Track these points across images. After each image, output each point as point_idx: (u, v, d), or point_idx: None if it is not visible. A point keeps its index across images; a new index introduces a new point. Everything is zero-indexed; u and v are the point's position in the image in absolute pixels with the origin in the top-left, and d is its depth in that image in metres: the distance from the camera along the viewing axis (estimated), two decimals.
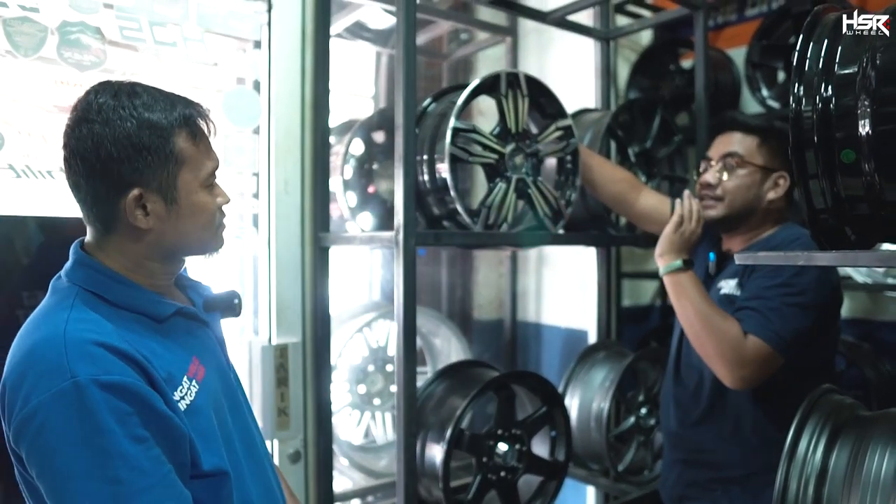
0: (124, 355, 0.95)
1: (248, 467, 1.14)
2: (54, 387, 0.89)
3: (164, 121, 1.02)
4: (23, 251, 1.69)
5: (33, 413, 0.89)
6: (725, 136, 1.77)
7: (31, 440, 0.90)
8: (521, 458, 1.91)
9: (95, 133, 0.99)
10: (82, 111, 1.01)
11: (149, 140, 1.01)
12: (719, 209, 1.74)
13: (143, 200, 1.02)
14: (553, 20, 2.49)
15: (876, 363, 2.40)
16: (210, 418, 1.07)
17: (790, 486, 1.18)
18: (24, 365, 0.93)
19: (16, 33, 1.60)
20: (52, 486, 0.90)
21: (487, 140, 1.78)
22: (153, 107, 1.03)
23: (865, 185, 1.00)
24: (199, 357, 1.11)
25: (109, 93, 1.02)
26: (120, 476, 0.89)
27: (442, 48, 3.28)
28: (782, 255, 1.20)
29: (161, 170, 1.02)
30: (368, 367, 2.75)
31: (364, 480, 2.69)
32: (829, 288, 1.60)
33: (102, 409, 0.89)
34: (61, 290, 1.04)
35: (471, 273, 3.29)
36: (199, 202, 1.08)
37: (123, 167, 1.00)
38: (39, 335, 0.96)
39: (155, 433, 0.94)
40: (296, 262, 2.07)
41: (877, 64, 0.97)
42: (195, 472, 1.01)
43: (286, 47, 2.05)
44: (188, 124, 1.06)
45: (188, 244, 1.10)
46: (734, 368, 1.55)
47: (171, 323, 1.08)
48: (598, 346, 2.56)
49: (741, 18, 3.16)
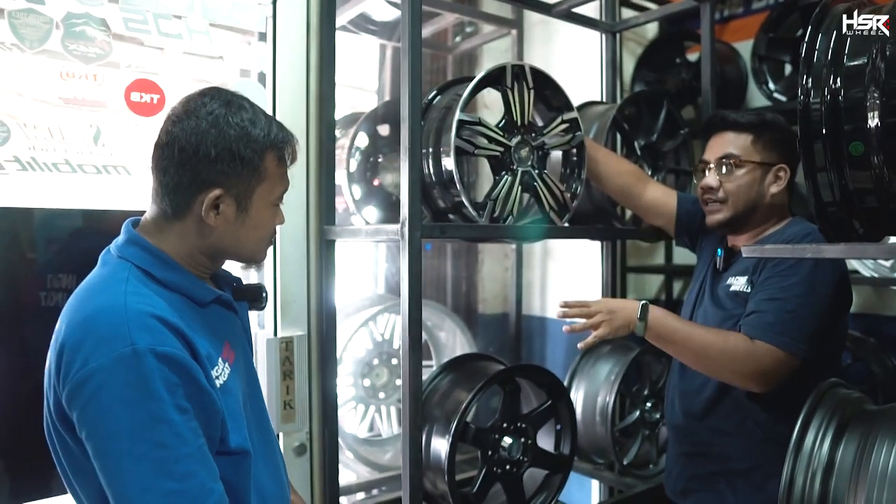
0: (176, 330, 1.02)
1: (262, 451, 1.20)
2: (114, 351, 0.95)
3: (262, 138, 1.12)
4: (27, 243, 1.69)
5: (92, 374, 0.95)
6: (718, 138, 1.75)
7: (87, 400, 0.95)
8: (526, 451, 1.91)
9: (202, 130, 1.08)
10: (193, 108, 1.10)
11: (245, 151, 1.10)
12: (725, 212, 1.73)
13: (220, 201, 1.10)
14: (558, 12, 2.48)
15: (882, 358, 2.39)
16: (238, 399, 1.14)
17: (797, 480, 1.18)
18: (84, 329, 0.99)
19: (21, 25, 1.60)
20: (101, 445, 0.95)
21: (493, 132, 1.77)
22: (256, 123, 1.13)
23: (874, 177, 0.99)
24: (231, 342, 1.19)
25: (221, 100, 1.12)
26: (165, 440, 0.95)
27: (447, 41, 3.27)
28: (789, 247, 1.19)
29: (245, 180, 1.11)
30: (373, 361, 2.76)
31: (369, 474, 2.70)
32: (843, 284, 1.59)
33: (156, 376, 0.96)
34: (113, 264, 1.10)
35: (476, 267, 3.29)
36: (264, 217, 1.17)
37: (214, 167, 1.08)
38: (99, 302, 1.01)
39: (195, 406, 1.01)
40: (301, 255, 2.07)
41: (886, 55, 0.96)
42: (222, 448, 1.07)
43: (291, 40, 2.04)
44: (279, 148, 1.15)
45: (240, 251, 1.19)
46: (756, 379, 1.54)
47: (210, 308, 1.16)
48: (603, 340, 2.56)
49: (748, 11, 3.14)
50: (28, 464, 1.68)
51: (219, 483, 1.02)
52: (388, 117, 2.34)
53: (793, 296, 1.54)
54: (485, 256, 3.28)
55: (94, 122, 1.72)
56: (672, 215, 1.98)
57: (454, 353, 2.82)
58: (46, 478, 1.70)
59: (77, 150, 1.69)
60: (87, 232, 1.75)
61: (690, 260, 2.06)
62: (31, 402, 1.67)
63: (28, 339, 1.70)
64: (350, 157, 2.27)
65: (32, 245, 1.70)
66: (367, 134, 2.32)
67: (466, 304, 3.28)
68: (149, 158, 1.13)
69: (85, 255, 1.72)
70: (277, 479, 1.25)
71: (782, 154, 1.70)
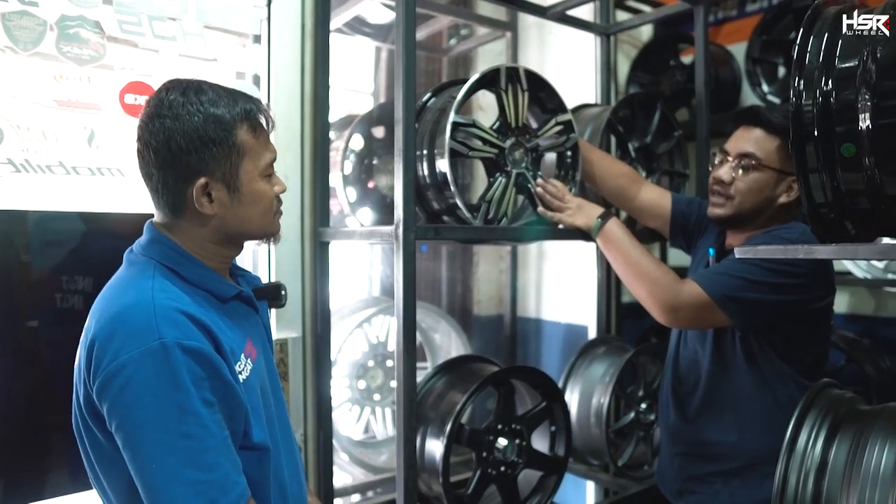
0: (201, 325, 1.04)
1: (283, 447, 1.23)
2: (144, 345, 0.98)
3: (227, 115, 1.11)
4: (21, 246, 1.69)
5: (122, 366, 0.98)
6: (746, 131, 1.70)
7: (118, 391, 0.98)
8: (520, 453, 1.91)
9: (167, 127, 1.07)
10: (154, 107, 1.09)
11: (214, 133, 1.09)
12: (727, 208, 1.70)
13: (209, 189, 1.10)
14: (553, 15, 2.49)
15: (875, 359, 2.40)
16: (258, 395, 1.16)
17: (790, 480, 1.19)
18: (114, 324, 1.01)
19: (15, 27, 1.59)
20: (131, 435, 0.98)
21: (487, 134, 1.77)
22: (217, 102, 1.11)
23: (866, 179, 0.99)
24: (252, 339, 1.20)
25: (178, 90, 1.11)
26: (192, 432, 0.98)
27: (442, 43, 3.27)
28: (782, 248, 1.20)
29: (225, 160, 1.11)
30: (368, 363, 2.76)
31: (364, 476, 2.69)
32: (810, 275, 1.57)
33: (183, 369, 0.98)
34: (138, 262, 1.13)
35: (471, 269, 3.29)
36: (259, 190, 1.16)
37: (191, 158, 1.08)
38: (129, 299, 1.04)
39: (220, 399, 1.03)
40: (296, 256, 2.07)
41: (877, 57, 0.97)
42: (245, 442, 1.10)
43: (286, 42, 2.04)
44: (249, 118, 1.14)
45: (249, 229, 1.19)
46: (667, 309, 1.63)
47: (231, 304, 1.18)
48: (598, 342, 2.56)
49: (741, 14, 3.15)
50: (29, 464, 1.68)
51: (242, 476, 1.05)
52: (382, 119, 2.34)
53: (741, 267, 1.57)
54: (480, 258, 3.28)
55: (89, 125, 1.72)
56: (667, 217, 1.98)
57: (449, 355, 2.81)
58: (43, 480, 1.70)
59: (71, 152, 1.69)
60: (82, 234, 1.75)
61: (686, 261, 2.07)
62: (29, 403, 1.69)
63: (23, 341, 1.69)
64: (345, 159, 2.27)
65: (27, 247, 1.69)
66: (361, 136, 2.33)
67: (461, 306, 3.28)
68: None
69: (80, 256, 1.74)
70: (297, 477, 1.27)
71: None
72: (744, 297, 1.56)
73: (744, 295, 1.56)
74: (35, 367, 1.71)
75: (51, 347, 1.71)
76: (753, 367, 1.66)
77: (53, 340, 1.71)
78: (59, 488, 1.72)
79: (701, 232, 1.89)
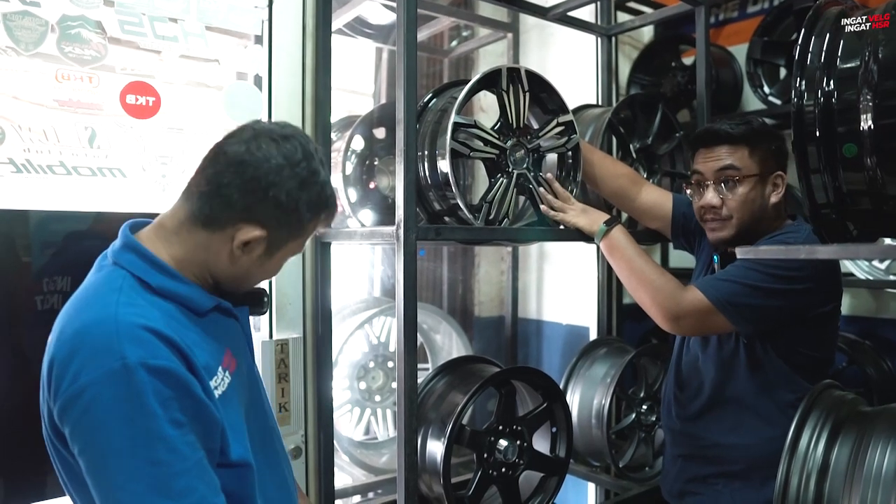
0: (169, 341, 0.98)
1: (267, 461, 1.18)
2: (105, 366, 0.92)
3: (321, 202, 1.13)
4: (22, 246, 1.69)
5: (82, 390, 0.92)
6: (711, 151, 1.69)
7: (78, 416, 0.93)
8: (521, 454, 1.90)
9: (284, 176, 1.07)
10: (288, 152, 1.08)
11: (306, 213, 1.11)
12: (728, 230, 1.68)
13: (255, 243, 1.09)
14: (554, 16, 2.49)
15: (877, 360, 2.40)
16: (239, 409, 1.11)
17: (791, 482, 1.18)
18: (74, 343, 0.96)
19: (16, 28, 1.59)
20: (94, 462, 0.93)
21: (488, 135, 1.77)
22: (326, 186, 1.13)
23: (867, 179, 0.99)
24: (232, 350, 1.15)
25: (312, 156, 1.11)
26: (160, 457, 0.92)
27: (443, 44, 3.27)
28: (783, 248, 1.20)
29: (286, 232, 1.12)
30: (369, 364, 2.75)
31: (365, 477, 2.69)
32: (815, 280, 1.56)
33: (148, 391, 0.92)
34: (107, 270, 1.07)
35: (472, 270, 3.29)
36: (277, 266, 1.18)
37: (273, 212, 1.07)
38: (91, 315, 0.98)
39: (191, 419, 0.97)
40: (297, 257, 2.05)
41: (879, 58, 0.97)
42: (223, 460, 1.04)
43: (287, 43, 2.04)
44: (330, 215, 1.17)
45: (239, 284, 1.18)
46: (669, 317, 1.62)
47: (208, 316, 1.12)
48: (599, 343, 2.56)
49: (743, 15, 3.15)
50: (22, 466, 1.68)
51: (220, 496, 1.00)
52: (383, 120, 2.34)
53: (743, 271, 1.57)
54: (481, 259, 3.28)
55: (90, 125, 1.72)
56: (668, 217, 1.98)
57: (450, 356, 2.81)
58: (43, 481, 1.70)
59: (72, 152, 1.69)
60: (83, 234, 1.75)
61: (686, 262, 2.07)
62: (26, 406, 1.69)
63: (22, 343, 1.69)
64: (346, 160, 2.27)
65: (28, 248, 1.69)
66: (362, 137, 2.32)
67: (462, 307, 3.28)
68: (203, 153, 1.10)
69: (80, 257, 1.74)
70: (284, 489, 1.23)
71: (777, 161, 1.67)
72: (747, 302, 1.56)
73: (747, 301, 1.56)
74: (36, 367, 1.70)
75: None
76: (757, 372, 1.66)
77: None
78: (60, 488, 1.71)
79: (703, 232, 1.88)
